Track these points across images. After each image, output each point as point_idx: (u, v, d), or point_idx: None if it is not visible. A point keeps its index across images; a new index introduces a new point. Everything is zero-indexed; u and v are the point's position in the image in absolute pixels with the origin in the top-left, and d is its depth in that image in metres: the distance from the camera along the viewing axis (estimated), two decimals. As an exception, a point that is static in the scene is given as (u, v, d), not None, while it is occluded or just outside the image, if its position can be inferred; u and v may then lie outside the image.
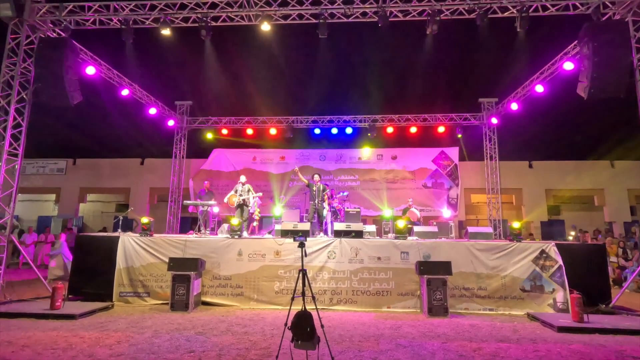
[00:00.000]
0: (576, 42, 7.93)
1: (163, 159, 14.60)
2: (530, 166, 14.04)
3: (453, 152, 13.68)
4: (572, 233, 11.91)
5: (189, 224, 14.12)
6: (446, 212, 12.75)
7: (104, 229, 14.23)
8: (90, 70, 8.65)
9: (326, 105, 13.96)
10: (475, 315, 6.30)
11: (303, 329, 3.42)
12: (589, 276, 6.56)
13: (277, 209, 11.60)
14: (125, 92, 10.22)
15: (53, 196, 15.63)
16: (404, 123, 13.25)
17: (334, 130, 13.50)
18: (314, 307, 3.65)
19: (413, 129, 13.20)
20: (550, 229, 12.88)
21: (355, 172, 13.86)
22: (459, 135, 13.08)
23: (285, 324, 3.52)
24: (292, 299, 3.67)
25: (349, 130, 13.43)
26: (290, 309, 3.66)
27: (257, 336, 4.92)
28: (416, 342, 4.73)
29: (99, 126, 14.92)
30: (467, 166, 13.97)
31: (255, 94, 14.15)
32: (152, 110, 11.75)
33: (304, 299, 3.64)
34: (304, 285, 3.69)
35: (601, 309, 6.35)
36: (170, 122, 13.08)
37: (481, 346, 4.57)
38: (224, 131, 13.74)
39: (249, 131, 13.60)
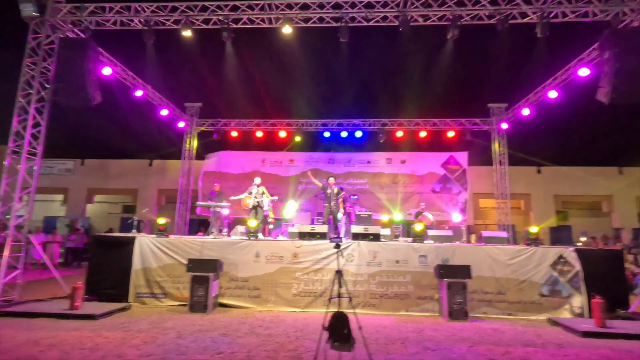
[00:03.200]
0: (592, 48, 8.04)
1: (171, 161, 14.60)
2: (539, 172, 14.07)
3: (462, 157, 13.70)
4: (583, 239, 11.92)
5: (196, 225, 14.10)
6: (456, 217, 12.74)
7: (110, 230, 14.17)
8: (107, 70, 8.66)
9: (336, 108, 14.00)
10: (494, 320, 6.28)
11: (340, 330, 3.40)
12: (607, 282, 6.53)
13: (287, 212, 11.60)
14: (139, 92, 10.24)
15: (60, 196, 15.59)
16: (413, 127, 13.29)
17: (344, 134, 13.52)
18: (346, 309, 3.63)
19: (422, 134, 13.23)
20: (558, 235, 12.89)
21: (364, 176, 13.86)
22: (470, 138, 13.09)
23: (323, 325, 3.50)
24: (330, 299, 3.65)
25: (358, 134, 13.44)
26: (327, 310, 3.63)
27: (282, 338, 4.89)
28: (443, 345, 4.71)
29: (107, 127, 14.90)
30: (475, 171, 13.99)
31: (265, 97, 14.19)
32: (164, 112, 11.76)
33: (339, 300, 3.62)
34: (340, 286, 3.67)
35: (620, 315, 6.33)
36: (181, 124, 13.08)
37: (509, 350, 4.56)
38: (234, 133, 13.75)
39: (259, 134, 13.61)
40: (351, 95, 14.98)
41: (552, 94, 9.77)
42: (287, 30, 6.91)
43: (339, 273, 3.68)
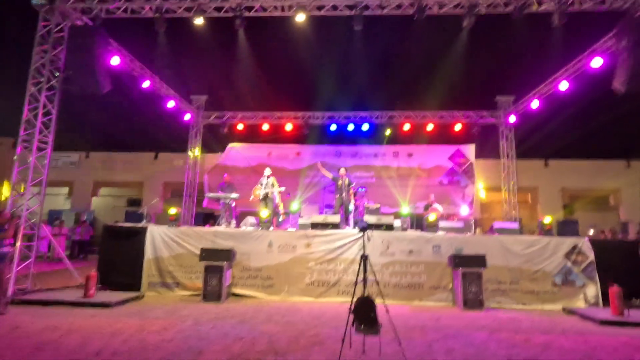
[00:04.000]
0: (606, 37, 7.95)
1: (177, 154, 14.53)
2: (546, 165, 14.03)
3: (469, 150, 13.63)
4: (591, 232, 11.90)
5: (202, 218, 14.04)
6: (464, 210, 12.70)
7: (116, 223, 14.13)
8: (115, 60, 8.55)
9: (342, 101, 13.91)
10: (509, 310, 6.26)
11: (366, 314, 3.38)
12: (622, 272, 6.50)
13: (295, 204, 11.56)
14: (146, 83, 10.15)
15: (65, 189, 15.53)
16: (420, 120, 13.21)
17: (350, 127, 13.44)
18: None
19: (430, 126, 13.16)
20: (565, 228, 12.83)
21: (371, 169, 13.81)
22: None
23: (350, 308, 3.46)
24: (356, 284, 3.62)
25: (365, 127, 13.37)
26: (354, 293, 3.60)
27: (300, 325, 4.86)
28: (463, 332, 4.69)
29: (113, 120, 14.83)
30: (482, 164, 13.93)
31: (272, 89, 14.10)
32: (171, 103, 11.67)
33: (364, 285, 3.59)
34: (365, 270, 3.64)
35: (635, 304, 6.31)
36: (187, 116, 13.00)
37: (529, 337, 4.54)
38: (240, 126, 13.67)
39: (265, 127, 13.54)
40: (358, 88, 14.89)
41: (564, 86, 9.69)
42: (300, 17, 6.83)
43: (364, 257, 3.64)
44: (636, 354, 4.01)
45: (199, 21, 7.00)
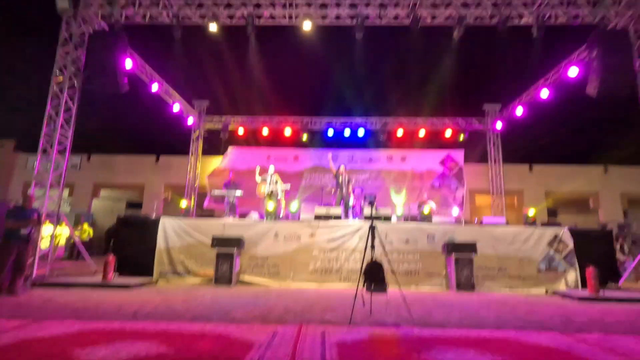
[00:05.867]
0: (581, 49, 8.81)
1: (178, 156, 14.93)
2: (531, 169, 14.87)
3: (459, 155, 14.40)
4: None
5: (202, 220, 14.38)
6: (454, 211, 13.35)
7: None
8: (129, 63, 9.03)
9: (339, 107, 14.61)
10: (498, 293, 6.82)
11: (377, 274, 3.89)
12: (598, 257, 7.15)
13: (294, 204, 12.05)
14: (155, 86, 10.63)
15: (65, 191, 15.70)
16: (412, 126, 13.97)
17: (347, 132, 14.11)
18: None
19: (421, 132, 13.92)
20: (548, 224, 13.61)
21: (366, 172, 14.43)
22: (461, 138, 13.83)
23: (361, 269, 3.98)
24: (365, 248, 4.12)
25: (361, 132, 14.07)
26: (363, 257, 4.11)
27: (310, 300, 5.32)
28: (457, 305, 5.22)
29: (115, 122, 15.22)
30: (471, 168, 14.69)
31: (272, 95, 14.73)
32: (176, 107, 12.16)
33: (372, 251, 4.11)
34: (373, 238, 4.16)
35: (611, 287, 6.94)
36: (190, 120, 13.49)
37: (516, 307, 5.09)
38: (240, 130, 14.21)
39: (265, 131, 14.11)
40: (354, 96, 15.64)
41: (544, 93, 10.52)
42: (307, 26, 7.48)
43: (372, 228, 4.17)
44: (607, 317, 4.58)
45: (212, 27, 7.59)
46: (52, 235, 6.94)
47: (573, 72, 9.12)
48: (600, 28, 7.21)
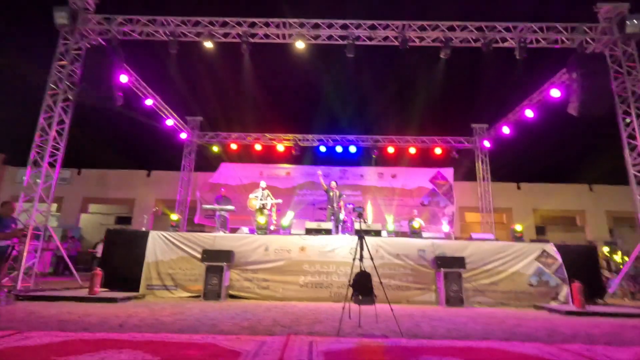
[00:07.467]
0: (562, 71, 9.21)
1: (170, 172, 14.92)
2: (519, 187, 15.16)
3: (448, 173, 14.64)
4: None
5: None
6: (444, 227, 13.47)
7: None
8: (124, 78, 9.17)
9: (332, 125, 14.88)
10: (488, 307, 6.84)
11: (364, 285, 3.93)
12: (584, 273, 7.25)
13: (285, 220, 12.05)
14: (149, 101, 10.75)
15: (54, 206, 15.48)
16: (403, 144, 14.25)
17: (339, 149, 14.32)
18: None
19: (412, 150, 14.19)
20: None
21: (357, 189, 14.55)
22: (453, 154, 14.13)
23: (349, 281, 4.01)
24: (353, 260, 4.17)
25: (352, 149, 14.29)
26: (352, 270, 4.16)
27: (299, 314, 5.30)
28: (445, 318, 5.25)
29: (107, 137, 15.23)
30: (461, 186, 14.92)
31: (265, 113, 14.97)
32: (169, 122, 12.26)
33: (361, 261, 4.17)
34: (362, 249, 4.22)
35: (597, 302, 7.04)
36: (183, 135, 13.57)
37: (503, 321, 5.13)
38: (233, 146, 14.32)
39: (257, 147, 14.24)
40: (346, 114, 15.96)
41: (529, 113, 10.89)
42: (300, 45, 7.74)
43: (361, 238, 4.23)
44: (592, 330, 4.65)
45: (208, 44, 7.79)
46: (38, 249, 6.81)
47: (555, 93, 9.50)
48: (578, 52, 7.59)
